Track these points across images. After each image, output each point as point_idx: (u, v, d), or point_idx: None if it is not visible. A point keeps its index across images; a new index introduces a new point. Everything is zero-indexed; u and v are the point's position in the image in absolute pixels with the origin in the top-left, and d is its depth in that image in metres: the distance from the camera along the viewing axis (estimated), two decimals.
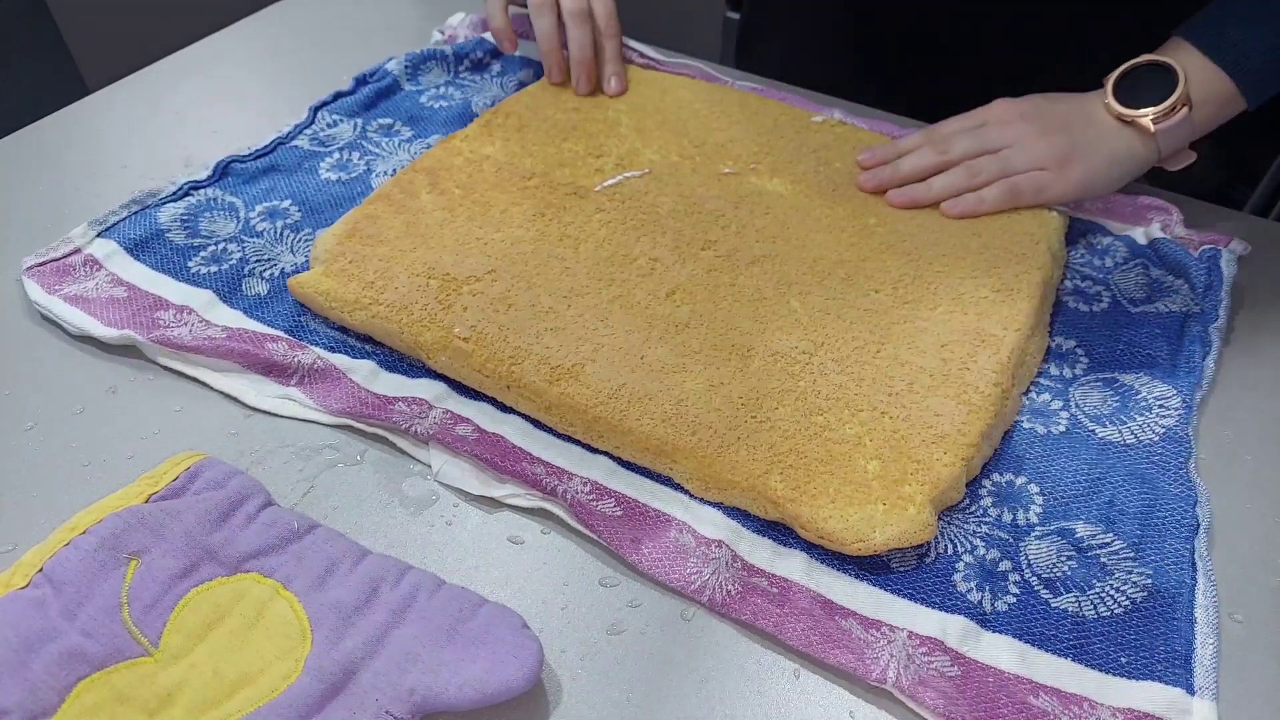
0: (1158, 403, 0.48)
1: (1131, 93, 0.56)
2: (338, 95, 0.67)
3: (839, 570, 0.41)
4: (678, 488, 0.44)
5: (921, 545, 0.42)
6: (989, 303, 0.50)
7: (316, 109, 0.65)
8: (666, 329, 0.48)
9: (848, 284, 0.51)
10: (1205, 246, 0.55)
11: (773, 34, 0.83)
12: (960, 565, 0.41)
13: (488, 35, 0.74)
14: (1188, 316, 0.52)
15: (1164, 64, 0.55)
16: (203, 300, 0.51)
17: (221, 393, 0.48)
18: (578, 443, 0.46)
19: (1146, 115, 0.55)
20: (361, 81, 0.68)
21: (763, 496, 0.42)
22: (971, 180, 0.57)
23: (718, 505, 0.44)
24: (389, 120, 0.66)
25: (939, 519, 0.43)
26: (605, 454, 0.45)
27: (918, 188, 0.57)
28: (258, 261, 0.54)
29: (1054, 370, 0.50)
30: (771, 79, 0.72)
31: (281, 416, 0.47)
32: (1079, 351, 0.51)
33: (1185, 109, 0.54)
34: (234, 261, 0.54)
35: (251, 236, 0.56)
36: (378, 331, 0.49)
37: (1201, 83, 0.54)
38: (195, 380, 0.49)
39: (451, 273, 0.51)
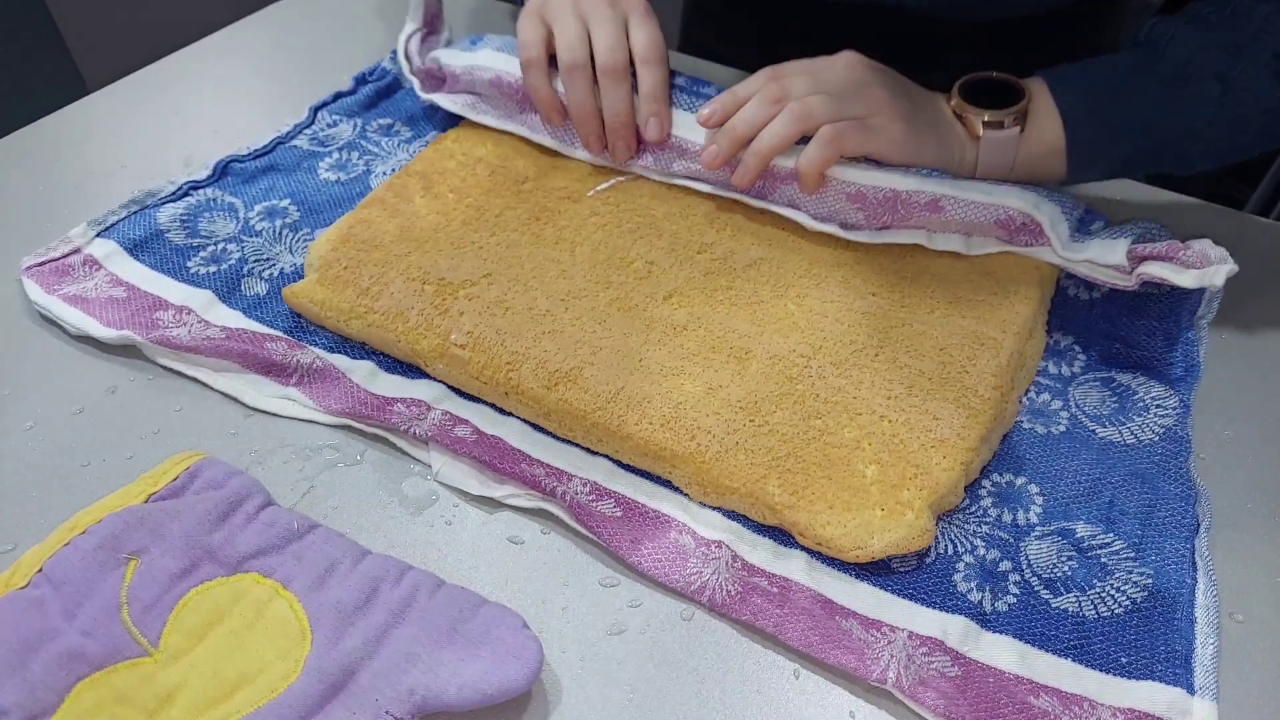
0: (1155, 403, 0.48)
1: (973, 97, 0.54)
2: (338, 95, 0.67)
3: (839, 570, 0.41)
4: (678, 489, 0.44)
5: None
6: (987, 305, 0.50)
7: (317, 109, 0.65)
8: (665, 332, 0.48)
9: (845, 287, 0.51)
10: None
11: (713, 17, 0.82)
12: (960, 565, 0.41)
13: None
14: (1178, 309, 0.52)
15: (1014, 83, 0.54)
16: (202, 300, 0.51)
17: (221, 393, 0.48)
18: (577, 444, 0.46)
19: (978, 115, 0.53)
20: (361, 81, 0.68)
21: (760, 503, 0.42)
22: (803, 124, 0.51)
23: (717, 508, 0.44)
24: (388, 120, 0.65)
25: (938, 521, 0.43)
26: (605, 455, 0.45)
27: (749, 153, 0.52)
28: (257, 261, 0.54)
29: (1052, 369, 0.50)
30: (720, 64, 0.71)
31: (281, 416, 0.47)
32: (1076, 348, 0.51)
33: (1017, 127, 0.53)
34: (233, 261, 0.54)
35: (251, 236, 0.56)
36: (374, 340, 0.49)
37: (1040, 118, 0.53)
38: (195, 380, 0.49)
39: (447, 277, 0.50)
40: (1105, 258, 0.49)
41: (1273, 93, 0.50)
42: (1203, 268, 0.47)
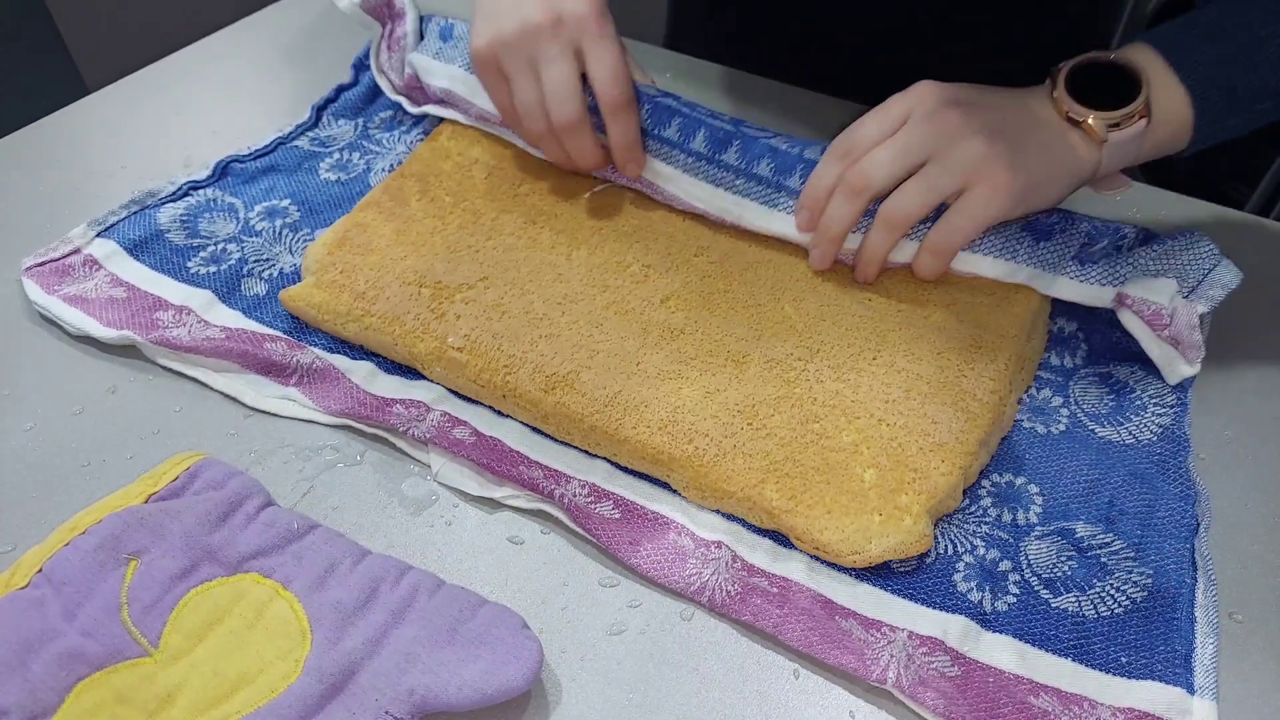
0: (1153, 401, 0.48)
1: (1083, 92, 0.48)
2: (339, 90, 0.66)
3: (839, 570, 0.41)
4: (677, 491, 0.44)
5: None
6: (985, 308, 0.50)
7: (320, 108, 0.65)
8: (662, 335, 0.48)
9: (842, 290, 0.51)
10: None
11: (705, 15, 0.81)
12: (960, 565, 0.41)
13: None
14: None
15: (1125, 66, 0.47)
16: (202, 300, 0.51)
17: (221, 393, 0.48)
18: (576, 446, 0.46)
19: (1101, 119, 0.47)
20: (360, 66, 0.68)
21: (758, 507, 0.42)
22: (898, 231, 0.48)
23: (716, 510, 0.44)
24: (390, 113, 0.65)
25: (936, 525, 0.43)
26: (603, 457, 0.45)
27: (864, 256, 0.49)
28: (257, 261, 0.54)
29: (1054, 360, 0.50)
30: (706, 59, 0.71)
31: (281, 417, 0.47)
32: (1080, 335, 0.51)
33: (1144, 120, 0.47)
34: (233, 262, 0.54)
35: (251, 236, 0.56)
36: (371, 343, 0.49)
37: (1161, 100, 0.47)
38: (195, 380, 0.49)
39: (444, 280, 0.50)
40: (1091, 301, 0.49)
41: None
42: (1172, 352, 0.47)
